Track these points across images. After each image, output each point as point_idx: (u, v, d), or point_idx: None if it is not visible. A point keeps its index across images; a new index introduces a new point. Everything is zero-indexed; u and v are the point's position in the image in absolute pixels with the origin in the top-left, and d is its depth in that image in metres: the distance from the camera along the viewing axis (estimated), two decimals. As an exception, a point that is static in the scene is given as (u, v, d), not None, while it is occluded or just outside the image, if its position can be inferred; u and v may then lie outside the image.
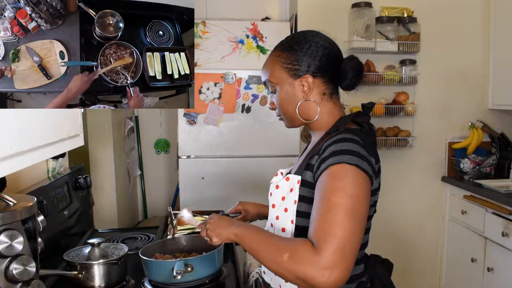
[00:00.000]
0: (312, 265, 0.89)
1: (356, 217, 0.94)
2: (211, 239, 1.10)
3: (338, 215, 0.93)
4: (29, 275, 0.87)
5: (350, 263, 0.91)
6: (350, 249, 0.91)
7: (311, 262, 0.90)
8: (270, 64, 1.19)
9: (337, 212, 0.93)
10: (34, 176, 1.58)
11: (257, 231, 1.04)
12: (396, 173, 3.04)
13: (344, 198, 0.94)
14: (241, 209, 1.51)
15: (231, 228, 1.07)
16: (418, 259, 3.17)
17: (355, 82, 1.16)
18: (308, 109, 1.16)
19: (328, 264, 0.88)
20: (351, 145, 1.01)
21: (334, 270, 0.88)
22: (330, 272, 0.88)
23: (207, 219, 1.16)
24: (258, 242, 1.01)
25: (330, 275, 0.88)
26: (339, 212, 0.93)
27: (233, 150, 2.70)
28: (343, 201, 0.94)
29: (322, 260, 0.89)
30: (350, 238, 0.92)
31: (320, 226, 0.93)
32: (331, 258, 0.88)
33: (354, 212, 0.94)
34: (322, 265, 0.88)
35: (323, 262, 0.88)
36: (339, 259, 0.89)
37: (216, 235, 1.09)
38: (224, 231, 1.08)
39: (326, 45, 1.15)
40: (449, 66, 3.05)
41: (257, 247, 1.01)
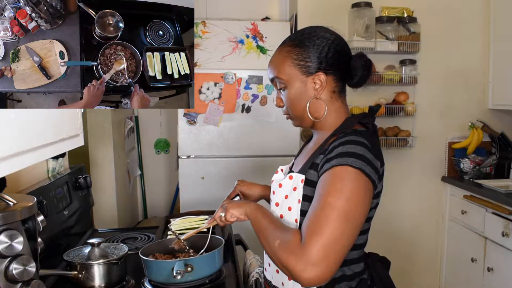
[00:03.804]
0: (296, 257, 0.92)
1: (349, 219, 0.94)
2: (226, 216, 1.16)
3: (330, 215, 0.93)
4: (29, 275, 0.87)
5: (333, 263, 0.92)
6: (336, 250, 0.92)
7: (295, 254, 0.93)
8: (279, 60, 1.15)
9: (330, 212, 0.94)
10: (34, 176, 1.58)
11: (264, 215, 1.09)
12: (396, 173, 3.04)
13: (340, 200, 0.95)
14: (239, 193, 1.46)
15: (244, 208, 1.14)
16: (418, 259, 3.17)
17: (364, 80, 1.15)
18: (318, 107, 1.14)
19: (310, 261, 0.90)
20: (357, 148, 1.01)
21: (315, 268, 0.90)
22: (311, 268, 0.90)
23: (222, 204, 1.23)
24: (261, 225, 1.06)
25: (311, 271, 0.90)
26: (332, 212, 0.94)
27: (233, 150, 2.70)
28: (339, 202, 0.95)
29: (306, 255, 0.91)
30: (338, 239, 0.92)
31: (311, 223, 0.95)
32: (314, 255, 0.90)
33: (348, 215, 0.94)
34: (304, 260, 0.91)
35: (306, 257, 0.91)
36: (321, 257, 0.90)
37: (231, 213, 1.15)
38: (239, 210, 1.15)
39: (337, 41, 1.13)
40: (449, 66, 3.05)
41: (259, 230, 1.06)
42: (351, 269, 1.09)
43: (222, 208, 1.19)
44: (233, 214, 1.15)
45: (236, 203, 1.18)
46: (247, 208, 1.13)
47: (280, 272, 1.14)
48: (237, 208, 1.15)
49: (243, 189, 1.45)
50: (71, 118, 1.10)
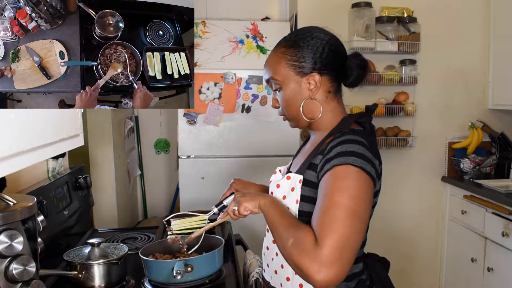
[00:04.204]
0: (310, 258, 0.91)
1: (357, 217, 0.94)
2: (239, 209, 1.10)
3: (339, 213, 0.93)
4: (29, 275, 0.87)
5: (347, 263, 0.91)
6: (349, 249, 0.92)
7: (309, 255, 0.91)
8: (274, 61, 1.16)
9: (338, 210, 0.93)
10: (34, 176, 1.58)
11: (278, 210, 1.05)
12: (396, 173, 3.04)
13: (346, 198, 0.95)
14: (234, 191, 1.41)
15: (257, 200, 1.09)
16: (418, 259, 3.17)
17: (360, 80, 1.15)
18: (313, 108, 1.14)
19: (325, 262, 0.89)
20: (356, 147, 1.01)
21: (330, 269, 0.89)
22: (326, 269, 0.89)
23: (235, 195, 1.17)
24: (275, 221, 1.03)
25: (326, 272, 0.89)
26: (340, 210, 0.93)
27: (233, 150, 2.70)
28: (345, 201, 0.94)
29: (320, 256, 0.90)
30: (350, 237, 0.92)
31: (321, 223, 0.94)
32: (329, 256, 0.89)
33: (355, 213, 0.94)
34: (319, 261, 0.89)
35: (320, 258, 0.89)
36: (336, 258, 0.89)
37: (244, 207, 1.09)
38: (252, 202, 1.09)
39: (331, 41, 1.14)
40: (449, 66, 3.05)
41: (273, 225, 1.03)
42: (350, 270, 1.09)
43: (235, 202, 1.13)
44: (247, 207, 1.09)
45: (250, 195, 1.12)
46: (261, 200, 1.08)
47: (279, 273, 1.14)
48: (251, 201, 1.09)
49: (239, 187, 1.43)
50: (71, 118, 1.10)
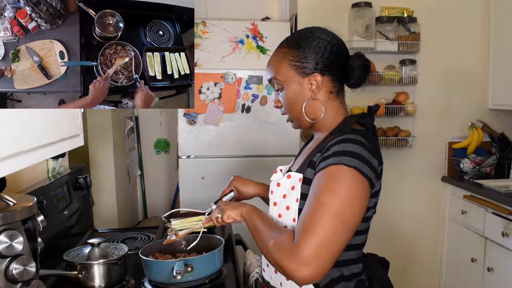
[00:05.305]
0: (288, 257, 0.94)
1: (342, 219, 0.95)
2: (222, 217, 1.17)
3: (323, 215, 0.94)
4: (29, 275, 0.87)
5: (326, 262, 0.93)
6: (328, 249, 0.93)
7: (288, 254, 0.94)
8: (276, 62, 1.16)
9: (323, 211, 0.95)
10: (34, 176, 1.58)
11: (259, 216, 1.10)
12: (396, 173, 3.04)
13: (334, 199, 0.95)
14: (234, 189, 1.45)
15: (240, 209, 1.15)
16: (418, 259, 3.17)
17: (362, 80, 1.15)
18: (315, 108, 1.14)
19: (302, 260, 0.92)
20: (354, 147, 1.01)
21: (308, 267, 0.91)
22: (304, 268, 0.91)
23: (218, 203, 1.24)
24: (256, 226, 1.08)
25: (304, 270, 0.91)
26: (325, 212, 0.94)
27: (233, 150, 2.70)
28: (332, 202, 0.95)
29: (297, 255, 0.92)
30: (330, 238, 0.93)
31: (304, 223, 0.96)
32: (305, 255, 0.92)
33: (340, 214, 0.95)
34: (296, 259, 0.92)
35: (298, 257, 0.92)
36: (313, 257, 0.91)
37: (227, 215, 1.16)
38: (235, 211, 1.16)
39: (333, 42, 1.13)
40: (449, 66, 3.05)
41: (255, 231, 1.08)
42: (349, 270, 1.09)
43: (218, 209, 1.20)
44: (230, 216, 1.16)
45: (232, 204, 1.18)
46: (243, 209, 1.14)
47: (278, 273, 1.14)
48: (233, 209, 1.16)
49: (238, 185, 1.45)
50: (71, 118, 1.10)
